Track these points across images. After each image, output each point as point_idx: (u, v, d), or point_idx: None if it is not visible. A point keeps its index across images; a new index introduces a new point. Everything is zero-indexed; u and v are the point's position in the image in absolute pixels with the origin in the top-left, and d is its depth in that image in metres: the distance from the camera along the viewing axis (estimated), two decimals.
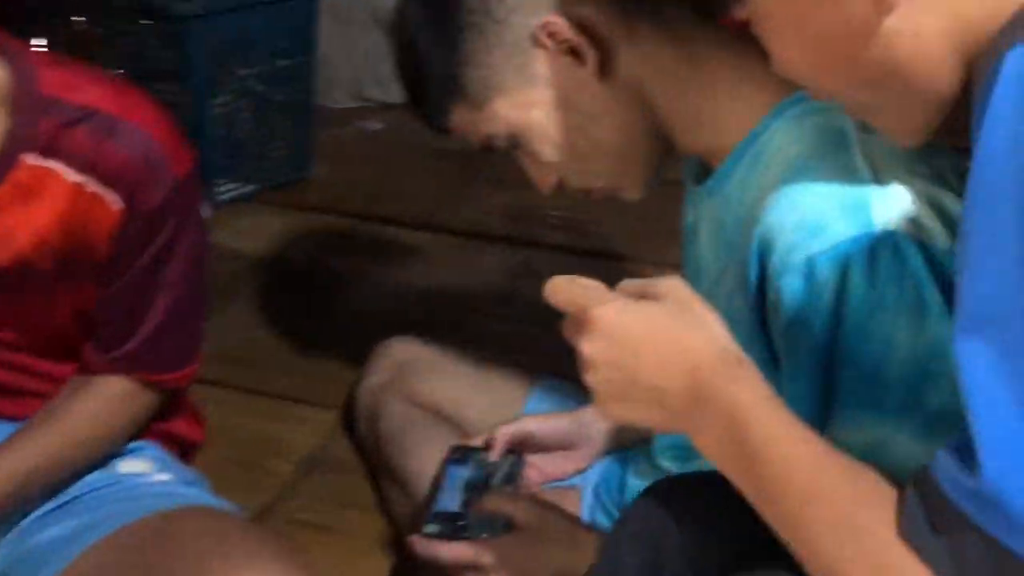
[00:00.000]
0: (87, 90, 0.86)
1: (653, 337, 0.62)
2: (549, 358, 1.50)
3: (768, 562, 0.62)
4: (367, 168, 2.41)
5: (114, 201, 0.86)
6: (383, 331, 1.43)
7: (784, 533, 0.57)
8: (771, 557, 0.61)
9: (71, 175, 0.84)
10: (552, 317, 0.69)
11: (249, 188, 2.16)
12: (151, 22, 1.95)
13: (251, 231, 2.02)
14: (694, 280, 0.90)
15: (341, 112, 2.71)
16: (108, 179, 0.86)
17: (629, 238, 2.01)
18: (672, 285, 0.64)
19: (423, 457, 1.18)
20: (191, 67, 1.97)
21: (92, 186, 0.85)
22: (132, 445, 1.03)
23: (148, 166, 0.86)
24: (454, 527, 0.99)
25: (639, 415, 0.64)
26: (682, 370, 0.61)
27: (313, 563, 0.94)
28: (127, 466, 1.02)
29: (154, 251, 0.90)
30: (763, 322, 0.75)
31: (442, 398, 1.27)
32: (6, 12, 1.88)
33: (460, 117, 0.88)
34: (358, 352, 1.45)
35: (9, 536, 0.95)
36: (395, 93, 2.79)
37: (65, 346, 0.97)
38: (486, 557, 0.92)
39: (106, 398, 0.96)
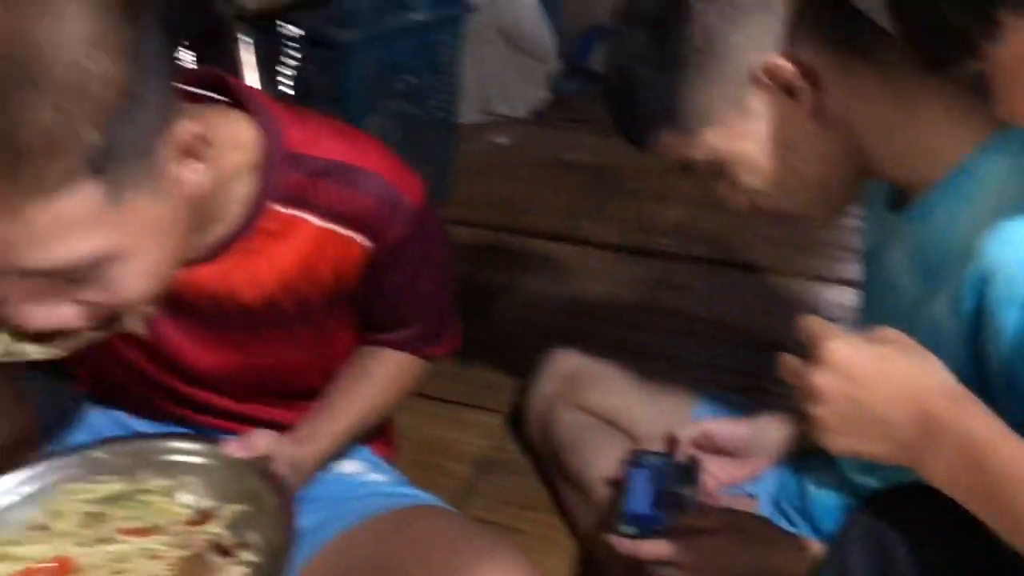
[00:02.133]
0: (324, 145, 0.92)
1: (886, 373, 0.67)
2: (695, 368, 1.60)
3: None
4: (501, 181, 2.54)
5: (361, 240, 0.93)
6: (533, 341, 1.52)
7: None
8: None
9: (317, 222, 0.91)
10: (694, 328, 0.73)
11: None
12: (314, 49, 2.08)
13: None
14: (883, 301, 0.94)
15: (472, 127, 2.84)
16: (354, 223, 0.93)
17: (770, 249, 2.06)
18: (897, 333, 0.70)
19: (601, 463, 1.24)
20: (348, 90, 2.08)
21: (340, 230, 0.92)
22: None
23: (387, 206, 0.93)
24: (650, 528, 1.05)
25: (866, 447, 0.69)
26: (913, 404, 0.66)
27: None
28: (346, 467, 1.11)
29: (408, 271, 0.99)
30: (976, 355, 0.78)
31: (612, 408, 1.34)
32: (189, 33, 2.03)
33: (665, 140, 0.93)
34: (515, 360, 1.55)
35: None
36: (520, 108, 2.93)
37: (289, 390, 1.06)
38: (686, 554, 0.99)
39: (396, 364, 1.07)
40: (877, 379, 0.67)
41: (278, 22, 2.11)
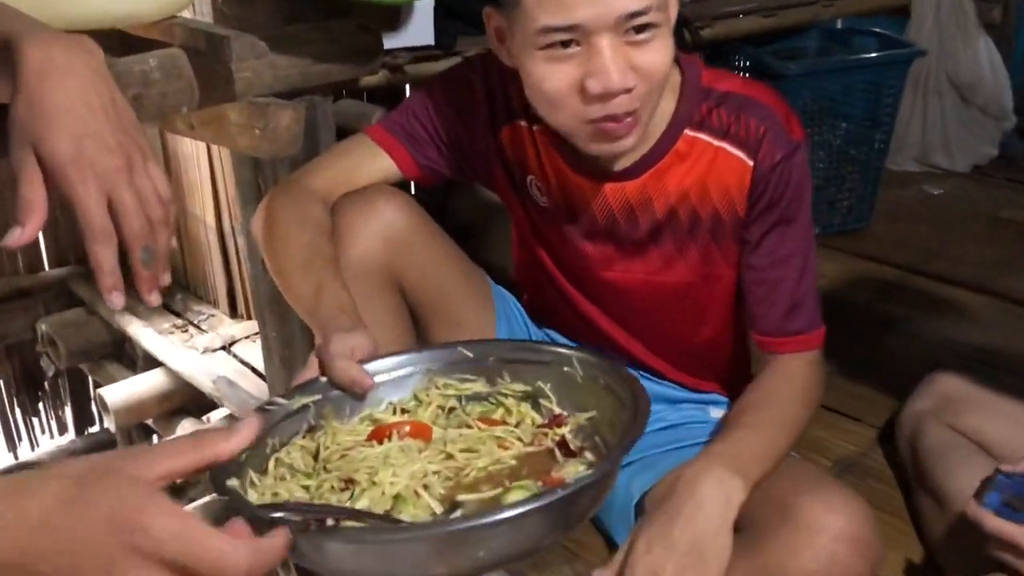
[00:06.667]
0: (728, 82, 1.12)
1: None
2: None
3: None
4: (923, 227, 2.53)
5: (745, 158, 1.09)
6: (920, 373, 1.54)
7: None
8: None
9: (714, 141, 1.10)
10: None
11: (814, 231, 2.39)
12: (760, 78, 2.27)
13: None
14: None
15: (904, 174, 2.85)
16: (741, 142, 1.10)
17: None
18: None
19: (963, 478, 1.29)
20: None
21: (730, 148, 1.10)
22: (722, 399, 1.31)
23: (770, 128, 1.08)
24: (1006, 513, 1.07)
25: None
26: None
27: None
28: (713, 412, 1.30)
29: (780, 211, 1.10)
30: None
31: (985, 433, 1.37)
32: None
33: None
34: (899, 385, 1.60)
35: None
36: (961, 163, 2.87)
37: (674, 326, 1.23)
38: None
39: (789, 373, 1.15)
40: None
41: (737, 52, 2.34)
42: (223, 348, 1.89)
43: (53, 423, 2.53)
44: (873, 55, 2.38)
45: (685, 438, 1.24)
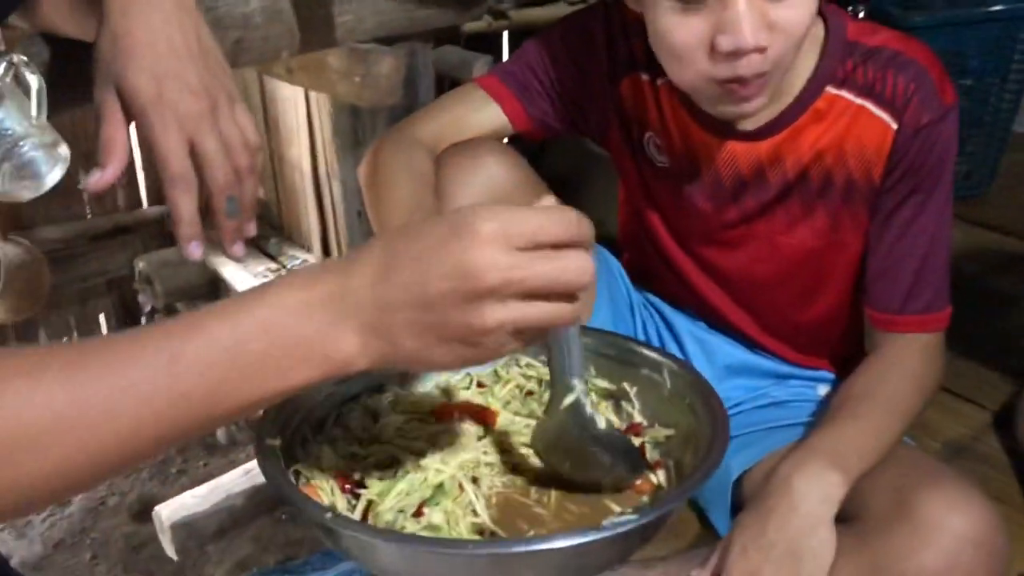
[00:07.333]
0: (878, 36, 1.02)
1: None
2: None
3: None
4: None
5: (889, 121, 1.00)
6: None
7: None
8: None
9: (854, 99, 1.01)
10: None
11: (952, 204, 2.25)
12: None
13: None
14: None
15: None
16: (886, 101, 1.00)
17: None
18: None
19: None
20: None
21: (872, 108, 1.01)
22: (831, 376, 1.23)
23: (918, 88, 0.99)
24: None
25: None
26: None
27: None
28: (821, 390, 1.22)
29: (919, 180, 1.01)
30: None
31: None
32: None
33: None
34: (1016, 365, 1.50)
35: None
36: None
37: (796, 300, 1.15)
38: None
39: (898, 363, 1.07)
40: None
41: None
42: None
43: None
44: (1007, 7, 2.21)
45: (790, 416, 1.17)
